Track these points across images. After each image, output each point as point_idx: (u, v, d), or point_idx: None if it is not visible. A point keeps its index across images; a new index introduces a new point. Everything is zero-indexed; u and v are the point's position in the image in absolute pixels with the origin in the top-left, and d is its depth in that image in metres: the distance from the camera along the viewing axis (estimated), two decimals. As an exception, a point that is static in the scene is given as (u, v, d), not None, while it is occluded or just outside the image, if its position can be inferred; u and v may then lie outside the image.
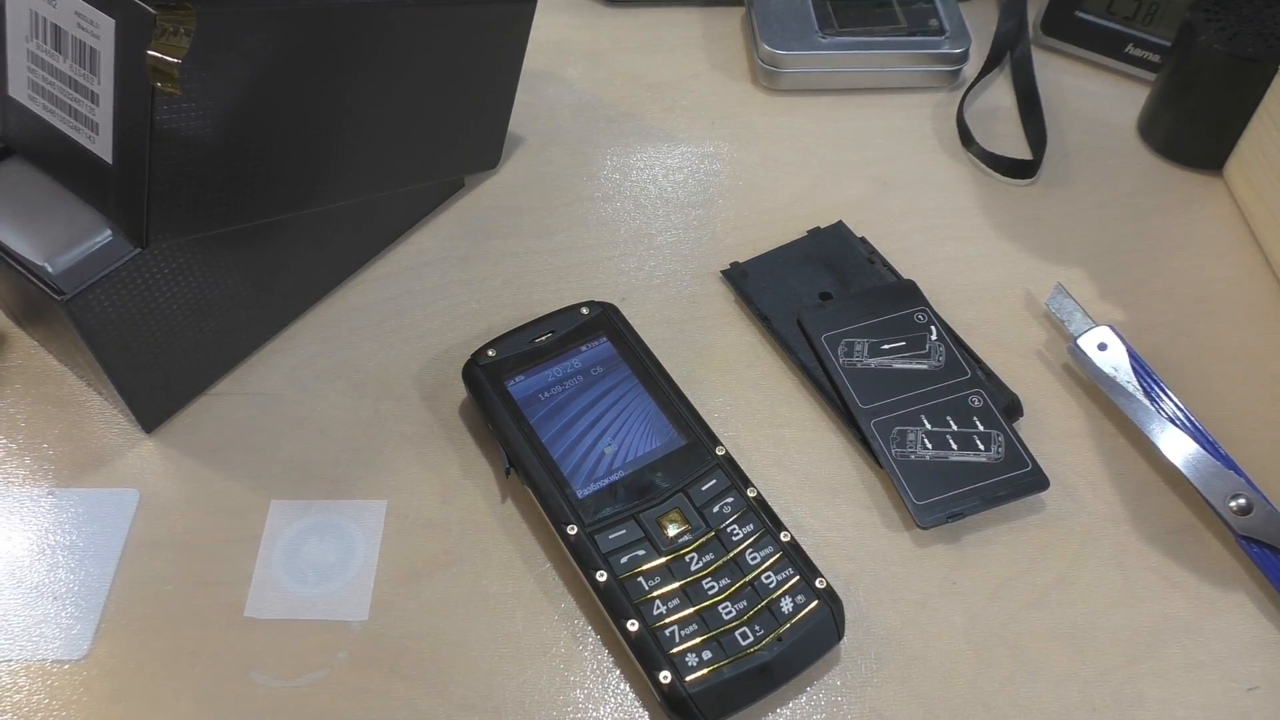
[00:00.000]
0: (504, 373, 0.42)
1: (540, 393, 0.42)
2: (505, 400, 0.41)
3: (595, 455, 0.40)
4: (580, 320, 0.44)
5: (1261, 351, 0.49)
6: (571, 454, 0.40)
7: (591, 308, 0.44)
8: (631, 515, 0.38)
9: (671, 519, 0.38)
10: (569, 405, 0.41)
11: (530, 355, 0.43)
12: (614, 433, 0.41)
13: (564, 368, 0.42)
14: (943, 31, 0.60)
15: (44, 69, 0.37)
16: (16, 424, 0.44)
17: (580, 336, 0.43)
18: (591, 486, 0.39)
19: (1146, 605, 0.41)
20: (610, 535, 0.38)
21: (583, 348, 0.43)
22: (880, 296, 0.48)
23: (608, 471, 0.40)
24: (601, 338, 0.43)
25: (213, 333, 0.44)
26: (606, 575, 0.37)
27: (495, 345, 0.43)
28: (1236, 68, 0.52)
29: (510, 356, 0.43)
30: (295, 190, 0.43)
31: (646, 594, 0.37)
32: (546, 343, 0.43)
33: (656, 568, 0.37)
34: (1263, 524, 0.41)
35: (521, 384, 0.42)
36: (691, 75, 0.61)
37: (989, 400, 0.44)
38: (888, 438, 0.43)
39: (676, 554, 0.38)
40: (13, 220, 0.38)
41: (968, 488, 0.42)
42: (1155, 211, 0.55)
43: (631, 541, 0.38)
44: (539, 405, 0.41)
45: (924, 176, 0.56)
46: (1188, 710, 0.38)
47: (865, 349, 0.46)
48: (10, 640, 0.38)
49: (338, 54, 0.40)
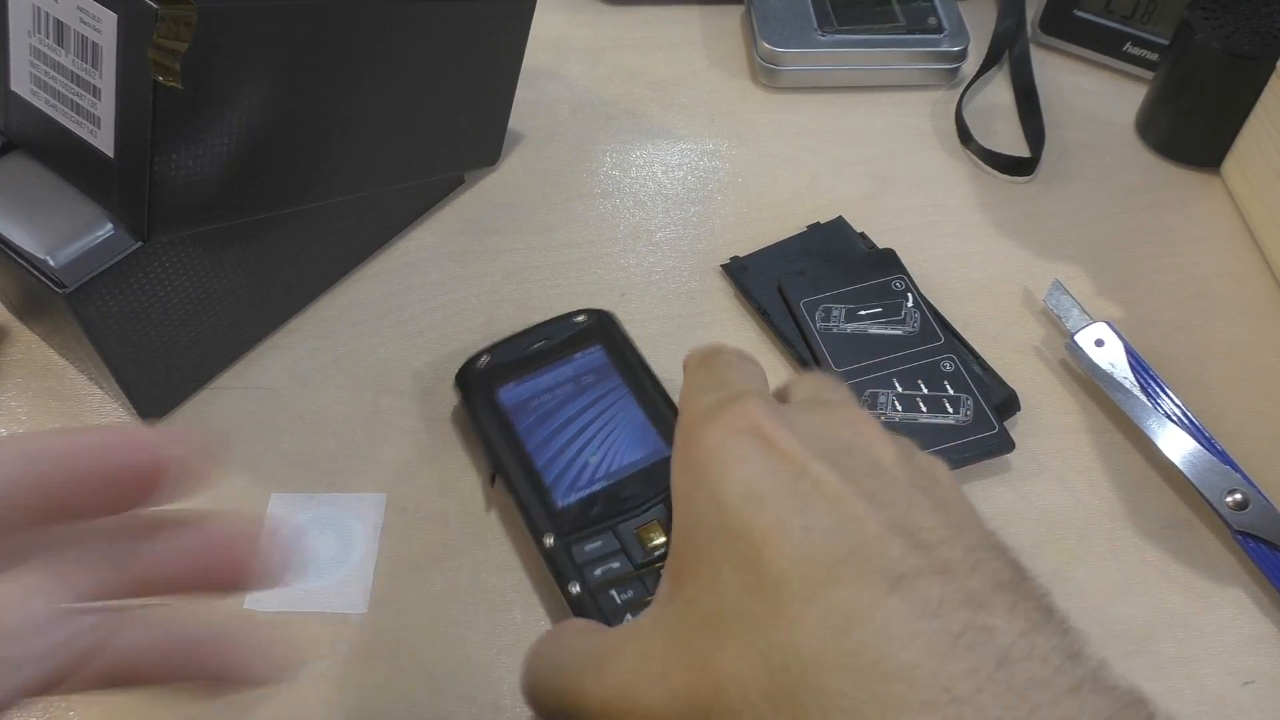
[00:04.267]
0: (495, 380, 0.42)
1: (530, 400, 0.41)
2: (493, 409, 0.41)
3: (579, 464, 0.40)
4: (575, 329, 0.43)
5: (1258, 348, 0.49)
6: (555, 463, 0.40)
7: (588, 315, 0.44)
8: (610, 527, 0.38)
9: (652, 530, 0.38)
10: (557, 413, 0.41)
11: (523, 363, 0.42)
12: (599, 442, 0.40)
13: (555, 375, 0.42)
14: (941, 30, 0.60)
15: (46, 63, 0.37)
16: (18, 418, 0.44)
17: (574, 345, 0.43)
18: (572, 496, 0.39)
19: (1142, 600, 0.41)
20: (586, 547, 0.37)
21: (575, 356, 0.43)
22: (860, 264, 0.49)
23: (590, 481, 0.39)
24: (595, 345, 0.43)
25: (214, 327, 0.44)
26: (579, 588, 0.36)
27: (490, 352, 0.43)
28: (1234, 66, 0.52)
29: (503, 364, 0.42)
30: (296, 185, 0.43)
31: (618, 606, 0.36)
32: (540, 350, 0.43)
33: (629, 579, 0.37)
34: (1259, 519, 0.41)
35: (512, 391, 0.42)
36: (691, 73, 0.61)
37: (960, 365, 0.45)
38: (859, 399, 0.44)
39: (651, 564, 0.37)
40: (15, 214, 0.39)
41: (935, 448, 0.43)
42: (1153, 209, 0.55)
43: (607, 554, 0.37)
44: (527, 413, 0.41)
45: (923, 173, 0.56)
46: (1183, 705, 0.38)
47: (842, 314, 0.47)
48: (11, 632, 0.39)
49: (339, 49, 0.40)
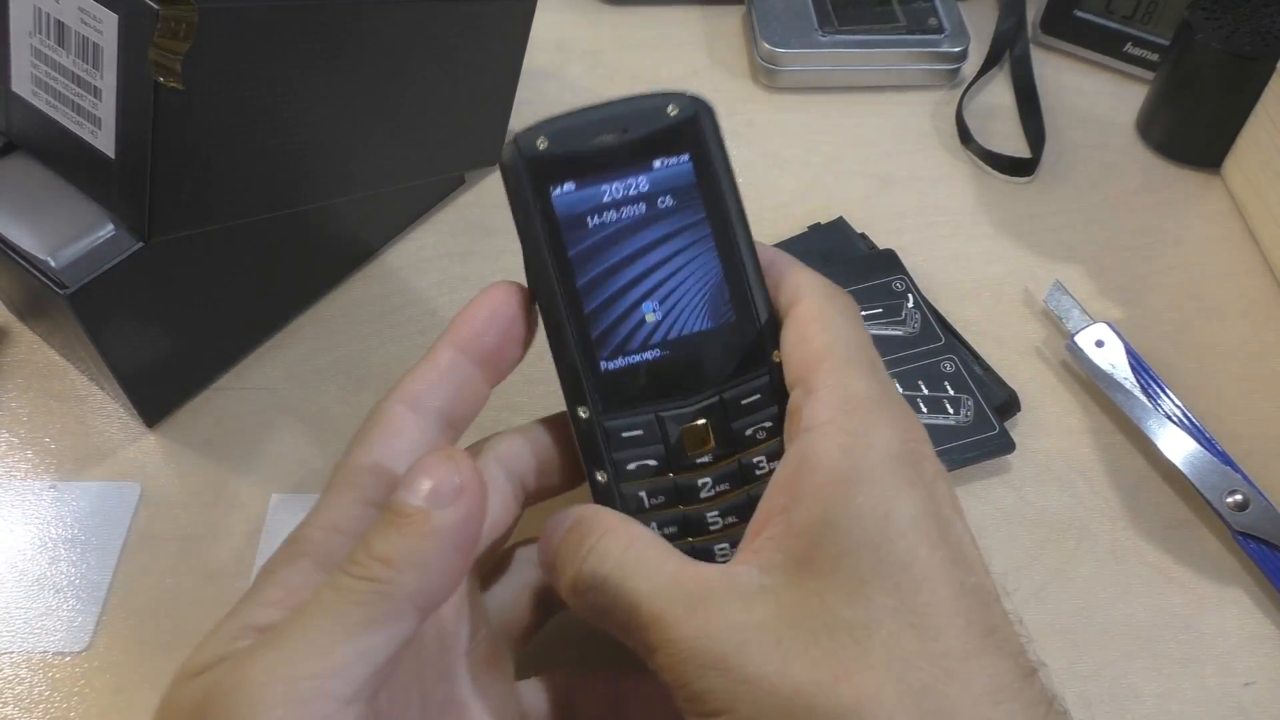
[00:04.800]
0: (551, 174, 0.31)
1: (589, 215, 0.31)
2: (546, 216, 0.31)
3: (634, 320, 0.31)
4: (664, 122, 0.32)
5: (1259, 348, 0.49)
6: (607, 312, 0.31)
7: (681, 105, 0.33)
8: (653, 411, 0.31)
9: (699, 435, 0.32)
10: (620, 243, 0.32)
11: (589, 158, 0.31)
12: (663, 294, 0.32)
13: (625, 186, 0.32)
14: (942, 30, 0.60)
15: (47, 64, 0.37)
16: (19, 418, 0.44)
17: (658, 146, 0.32)
18: (619, 361, 0.31)
19: (1143, 601, 0.41)
20: (624, 433, 0.31)
21: (656, 163, 0.32)
22: (861, 265, 0.49)
23: (643, 345, 0.31)
24: (684, 154, 0.32)
25: (214, 327, 0.44)
26: (607, 478, 0.31)
27: (549, 132, 0.31)
28: (1234, 66, 0.52)
29: (565, 154, 0.31)
30: (297, 185, 0.43)
31: (645, 509, 0.31)
32: (613, 144, 0.32)
33: (662, 485, 0.31)
34: (1259, 520, 0.41)
35: (569, 196, 0.31)
36: (692, 73, 0.62)
37: (960, 366, 0.45)
38: None
39: (689, 472, 0.31)
40: (15, 214, 0.39)
41: (935, 449, 0.42)
42: (1153, 209, 0.55)
43: (644, 445, 0.31)
44: (583, 233, 0.31)
45: (923, 174, 0.56)
46: (1183, 705, 0.38)
47: None
48: (12, 633, 0.39)
49: (340, 50, 0.40)
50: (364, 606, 0.22)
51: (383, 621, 0.23)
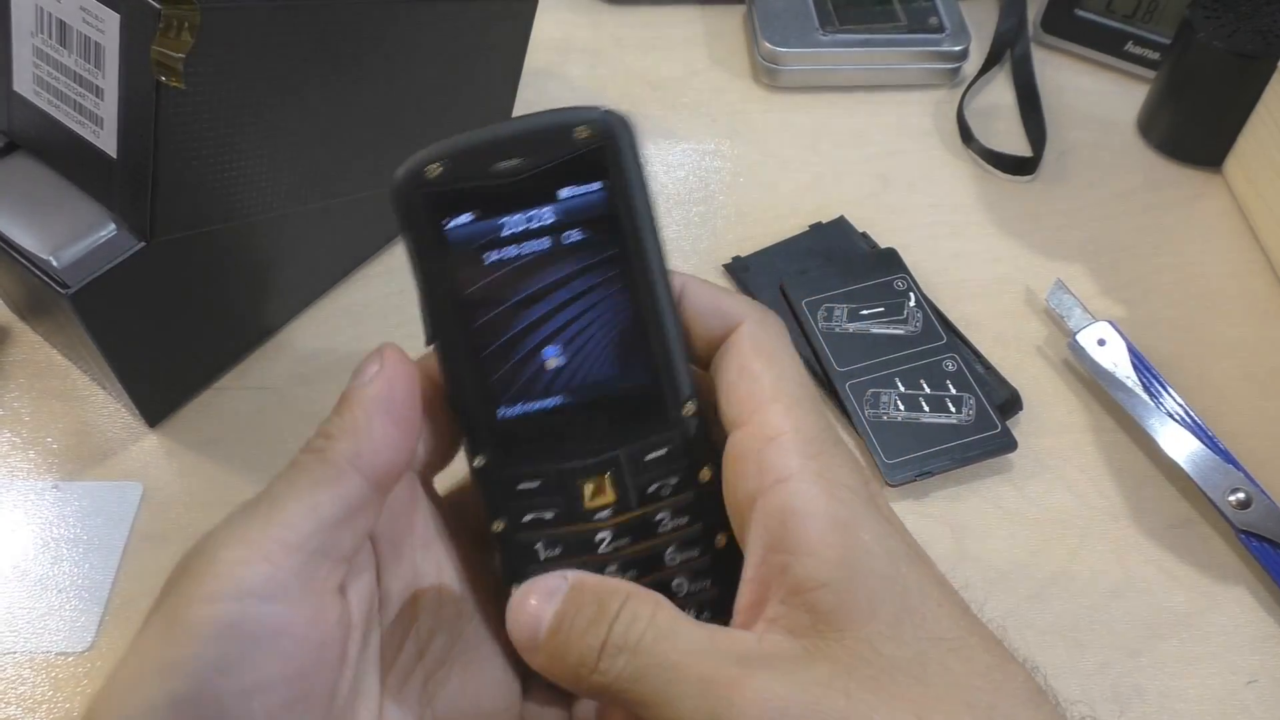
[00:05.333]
0: (445, 204, 0.28)
1: (487, 249, 0.28)
2: (438, 249, 0.28)
3: (535, 365, 0.29)
4: (573, 146, 0.28)
5: (1260, 347, 0.49)
6: (506, 356, 0.29)
7: (595, 126, 0.28)
8: (551, 463, 0.29)
9: (597, 485, 0.29)
10: (521, 281, 0.29)
11: (487, 187, 0.28)
12: (568, 337, 0.29)
13: (528, 218, 0.28)
14: (943, 29, 0.60)
15: (49, 64, 0.37)
16: (21, 418, 0.44)
17: (565, 173, 0.28)
18: (518, 408, 0.29)
19: (1146, 599, 0.41)
20: (520, 484, 0.29)
21: (563, 193, 0.28)
22: (862, 264, 0.49)
23: (544, 392, 0.29)
24: (594, 183, 0.28)
25: (216, 327, 0.44)
26: (503, 527, 0.30)
27: (443, 156, 0.28)
28: (1235, 65, 0.52)
29: (459, 181, 0.28)
30: (298, 185, 0.43)
31: (539, 561, 0.30)
32: (515, 170, 0.28)
33: (559, 535, 0.30)
34: (1262, 518, 0.41)
35: (464, 229, 0.28)
36: (692, 72, 0.61)
37: (962, 364, 0.45)
38: (861, 399, 0.44)
39: (588, 525, 0.30)
40: (17, 214, 0.39)
41: (938, 448, 0.43)
42: (1154, 208, 0.55)
43: (542, 497, 0.29)
44: (480, 270, 0.29)
45: (925, 173, 0.56)
46: (1186, 704, 0.38)
47: (844, 314, 0.47)
48: (15, 633, 0.39)
49: (341, 49, 0.40)
50: (308, 471, 0.26)
51: (325, 482, 0.26)
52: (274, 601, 0.25)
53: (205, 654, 0.24)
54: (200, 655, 0.24)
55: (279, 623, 0.25)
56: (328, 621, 0.26)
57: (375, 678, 0.28)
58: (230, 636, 0.24)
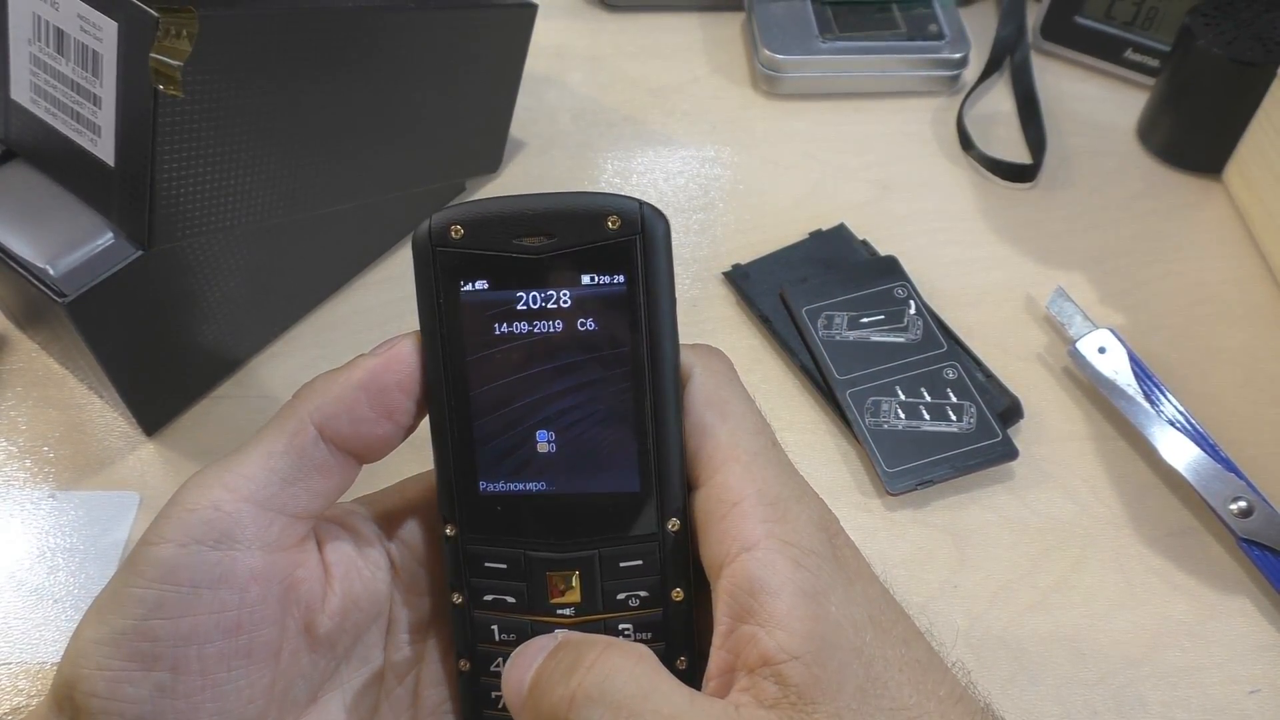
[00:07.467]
0: (463, 268, 0.28)
1: (498, 320, 0.28)
2: (451, 311, 0.28)
3: (525, 446, 0.28)
4: (602, 235, 0.27)
5: (1261, 354, 0.49)
6: (497, 430, 0.28)
7: (627, 217, 0.27)
8: (524, 549, 0.29)
9: (564, 580, 0.29)
10: (527, 359, 0.28)
11: (508, 259, 0.28)
12: (564, 425, 0.28)
13: (545, 297, 0.28)
14: (942, 36, 0.60)
15: (46, 72, 0.37)
16: (17, 427, 0.44)
17: (590, 261, 0.28)
18: (499, 486, 0.28)
19: (1148, 608, 0.41)
20: (487, 562, 0.29)
21: (584, 278, 0.28)
22: (862, 271, 0.49)
23: (530, 475, 0.28)
24: (619, 275, 0.28)
25: (214, 336, 0.44)
26: (463, 600, 0.29)
27: (468, 220, 0.28)
28: (1235, 72, 0.52)
29: (480, 249, 0.28)
30: (297, 193, 0.43)
31: (494, 641, 0.29)
32: (538, 249, 0.28)
33: (517, 624, 0.29)
34: (1264, 526, 0.41)
35: (479, 295, 0.28)
36: (692, 80, 0.61)
37: (963, 372, 0.45)
38: (862, 408, 0.44)
39: (548, 618, 0.29)
40: (14, 222, 0.38)
41: (938, 456, 0.43)
42: (1155, 215, 0.55)
43: (506, 579, 0.29)
44: (488, 339, 0.28)
45: (924, 180, 0.56)
46: (1189, 713, 0.38)
47: (845, 321, 0.47)
48: (10, 643, 0.38)
49: (339, 57, 0.40)
50: (273, 422, 0.27)
51: (283, 433, 0.27)
52: (219, 549, 0.26)
53: (147, 595, 0.25)
54: (142, 594, 0.25)
55: (219, 571, 0.26)
56: (274, 582, 0.27)
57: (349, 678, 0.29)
58: (170, 579, 0.25)
